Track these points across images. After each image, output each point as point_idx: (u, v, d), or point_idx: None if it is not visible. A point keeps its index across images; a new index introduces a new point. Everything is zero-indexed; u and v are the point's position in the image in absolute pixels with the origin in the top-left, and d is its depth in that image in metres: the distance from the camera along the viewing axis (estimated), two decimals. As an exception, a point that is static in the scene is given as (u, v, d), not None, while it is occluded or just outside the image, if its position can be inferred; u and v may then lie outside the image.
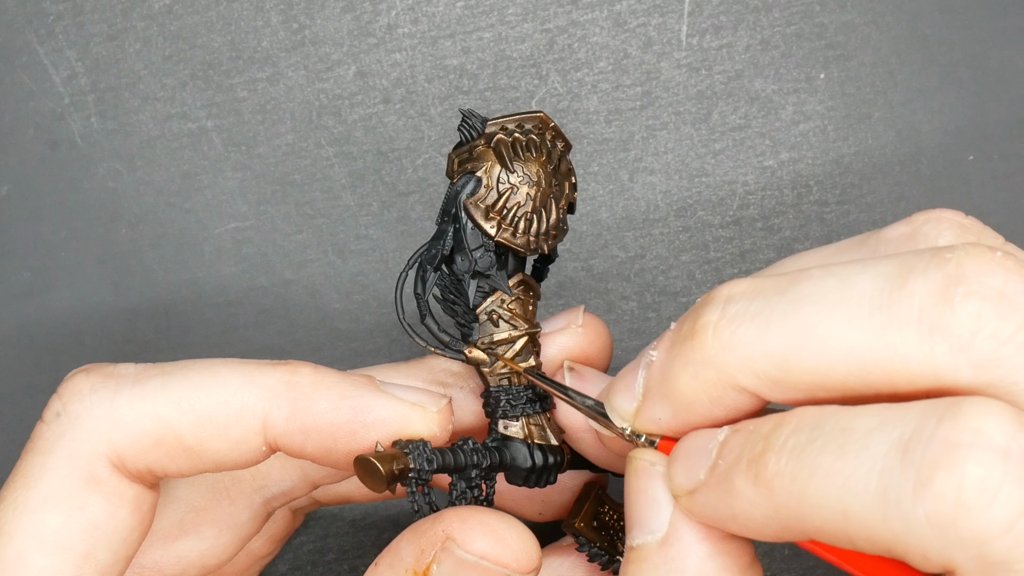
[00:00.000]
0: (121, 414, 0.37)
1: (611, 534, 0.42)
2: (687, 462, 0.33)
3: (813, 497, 0.29)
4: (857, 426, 0.29)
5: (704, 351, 0.33)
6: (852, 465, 0.29)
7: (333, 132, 0.52)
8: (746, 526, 0.31)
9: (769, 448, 0.31)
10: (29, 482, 0.36)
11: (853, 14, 0.52)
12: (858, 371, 0.31)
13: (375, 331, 0.52)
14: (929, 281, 0.30)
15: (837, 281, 0.31)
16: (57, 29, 0.52)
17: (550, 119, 0.39)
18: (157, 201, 0.52)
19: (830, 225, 0.52)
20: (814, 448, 0.30)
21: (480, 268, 0.39)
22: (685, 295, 0.52)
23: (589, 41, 0.52)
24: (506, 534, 0.36)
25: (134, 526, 0.37)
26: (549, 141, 0.39)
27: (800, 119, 0.52)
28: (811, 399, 0.32)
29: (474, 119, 0.39)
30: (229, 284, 0.52)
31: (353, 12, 0.52)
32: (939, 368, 0.30)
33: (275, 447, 0.38)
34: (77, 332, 0.52)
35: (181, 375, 0.37)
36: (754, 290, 0.33)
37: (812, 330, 0.31)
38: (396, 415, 0.38)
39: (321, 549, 0.51)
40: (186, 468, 0.38)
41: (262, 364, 0.38)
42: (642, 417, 0.35)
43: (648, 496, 0.34)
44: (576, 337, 0.41)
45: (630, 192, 0.52)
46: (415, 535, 0.36)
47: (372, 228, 0.52)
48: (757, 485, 0.30)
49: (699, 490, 0.33)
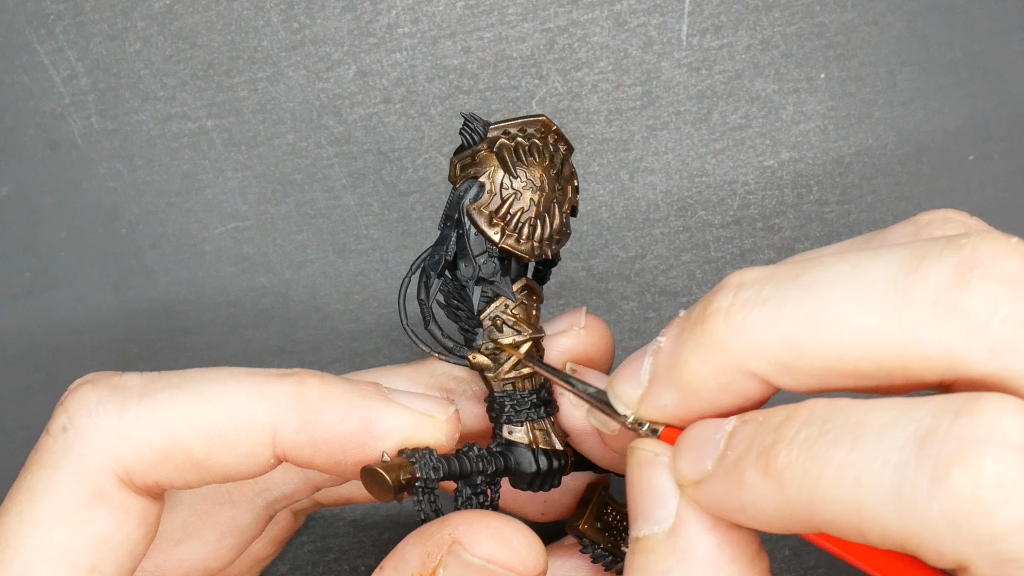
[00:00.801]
0: (129, 429, 0.36)
1: (615, 535, 0.42)
2: (694, 452, 0.33)
3: (825, 490, 0.29)
4: (871, 420, 0.29)
5: (715, 335, 0.32)
6: (866, 459, 0.29)
7: (333, 132, 0.52)
8: (754, 518, 0.31)
9: (780, 440, 0.30)
10: (35, 495, 0.36)
11: (853, 14, 0.52)
12: (872, 355, 0.30)
13: (375, 331, 0.52)
14: (945, 265, 0.30)
15: (850, 267, 0.31)
16: (57, 29, 0.52)
17: (552, 122, 0.39)
18: (157, 201, 0.52)
19: (831, 225, 0.52)
20: (826, 441, 0.30)
21: (484, 274, 0.39)
22: (685, 295, 0.52)
23: (589, 41, 0.52)
24: (512, 538, 0.36)
25: (139, 539, 0.37)
26: (552, 145, 0.39)
27: (800, 119, 0.52)
28: (822, 386, 0.32)
29: (476, 123, 0.39)
30: (229, 284, 0.52)
31: (353, 12, 0.52)
32: (954, 351, 0.30)
33: (284, 459, 0.38)
34: (77, 332, 0.52)
35: (189, 388, 0.37)
36: (766, 276, 0.32)
37: (825, 313, 0.31)
38: (405, 425, 0.37)
39: (321, 549, 0.51)
40: (194, 481, 0.37)
41: (269, 375, 0.38)
42: (647, 403, 0.35)
43: (653, 486, 0.34)
44: (579, 339, 0.41)
45: (630, 192, 0.52)
46: (421, 539, 0.36)
47: (372, 228, 0.52)
48: (767, 477, 0.30)
49: (706, 481, 0.32)
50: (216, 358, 0.52)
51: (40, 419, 0.51)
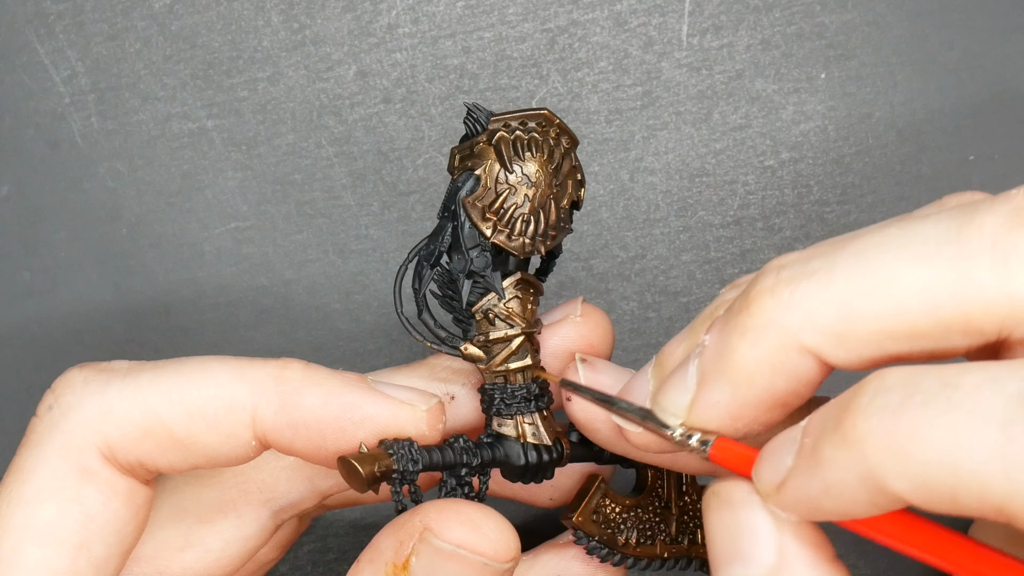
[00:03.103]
0: (111, 405, 0.37)
1: (612, 528, 0.42)
2: (772, 459, 0.32)
3: (916, 452, 0.28)
4: (963, 381, 0.28)
5: (763, 315, 0.32)
6: (965, 418, 0.28)
7: (334, 132, 0.52)
8: (840, 499, 0.30)
9: (855, 409, 0.29)
10: (23, 475, 0.37)
11: (854, 14, 0.52)
12: (931, 308, 0.30)
13: (375, 331, 0.52)
14: (999, 212, 0.30)
15: (898, 230, 0.31)
16: (57, 29, 0.52)
17: (555, 116, 0.39)
18: (157, 201, 0.52)
19: (831, 225, 0.52)
20: (914, 403, 0.29)
21: (475, 268, 0.39)
22: (685, 295, 0.52)
23: (590, 41, 0.52)
24: (482, 523, 0.36)
25: (127, 519, 0.37)
26: (552, 138, 0.39)
27: (801, 119, 0.52)
28: (876, 356, 0.31)
29: (479, 112, 0.39)
30: (229, 284, 0.52)
31: (354, 12, 0.52)
32: (1016, 293, 0.29)
33: (265, 442, 0.38)
34: (77, 332, 0.52)
35: (172, 369, 0.38)
36: (808, 254, 0.32)
37: (879, 272, 0.30)
38: (385, 413, 0.38)
39: (321, 549, 0.51)
40: (177, 462, 0.38)
41: (254, 360, 0.38)
42: (698, 406, 0.34)
43: (747, 527, 0.33)
44: (576, 327, 0.41)
45: (631, 192, 0.52)
46: (394, 528, 0.36)
47: (372, 228, 0.52)
48: (847, 447, 0.29)
49: (789, 477, 0.31)
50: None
51: (40, 419, 0.51)
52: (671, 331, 0.51)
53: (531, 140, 0.39)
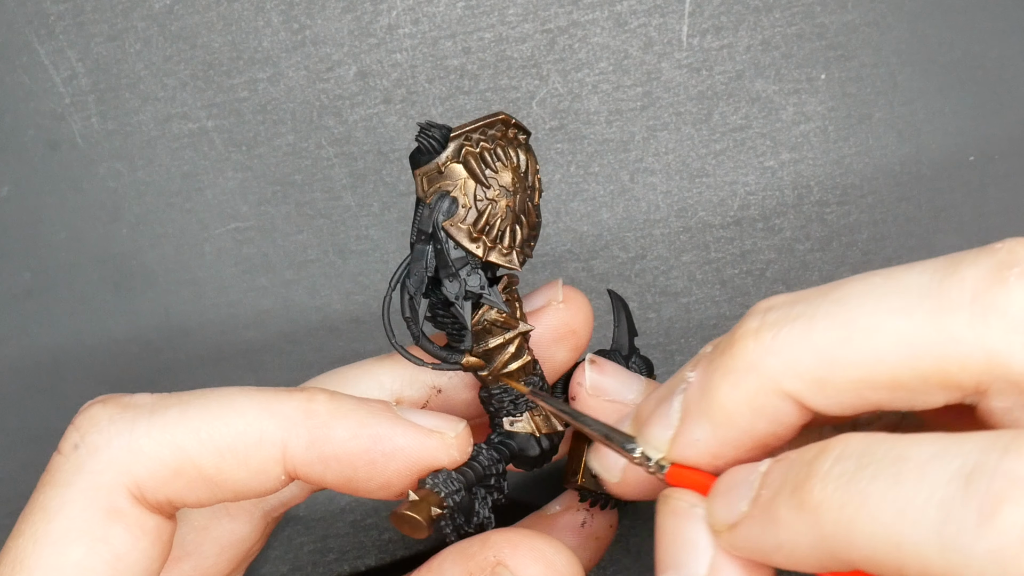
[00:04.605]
0: (140, 445, 0.36)
1: None
2: (728, 496, 0.32)
3: (864, 525, 0.29)
4: (913, 454, 0.29)
5: (745, 357, 0.32)
6: (908, 494, 0.28)
7: (334, 132, 0.52)
8: (790, 556, 0.31)
9: (814, 475, 0.30)
10: (48, 515, 0.36)
11: (854, 15, 0.52)
12: (909, 360, 0.30)
13: (375, 331, 0.52)
14: (981, 266, 0.30)
15: (882, 278, 0.31)
16: (57, 29, 0.52)
17: (510, 116, 0.38)
18: (157, 201, 0.52)
19: (831, 226, 0.52)
20: (866, 475, 0.29)
21: (471, 288, 0.38)
22: (685, 295, 0.52)
23: (590, 41, 0.52)
24: (555, 560, 0.36)
25: (155, 557, 0.37)
26: (512, 138, 0.38)
27: (801, 119, 0.52)
28: (856, 404, 0.31)
29: (434, 129, 0.37)
30: (229, 284, 0.52)
31: (354, 12, 0.52)
32: (993, 351, 0.29)
33: (295, 476, 0.38)
34: (77, 332, 0.52)
35: (199, 405, 0.37)
36: (794, 298, 0.32)
37: (859, 322, 0.30)
38: (415, 444, 0.37)
39: (322, 550, 0.51)
40: (205, 498, 0.37)
41: (279, 392, 0.38)
42: (679, 442, 0.34)
43: (686, 538, 0.33)
44: (559, 313, 0.41)
45: (631, 192, 0.52)
46: (462, 558, 0.36)
47: (373, 228, 0.52)
48: (802, 512, 0.30)
49: (742, 523, 0.32)
50: (216, 358, 0.52)
51: (40, 419, 0.51)
52: (671, 331, 0.51)
53: (497, 147, 0.38)
